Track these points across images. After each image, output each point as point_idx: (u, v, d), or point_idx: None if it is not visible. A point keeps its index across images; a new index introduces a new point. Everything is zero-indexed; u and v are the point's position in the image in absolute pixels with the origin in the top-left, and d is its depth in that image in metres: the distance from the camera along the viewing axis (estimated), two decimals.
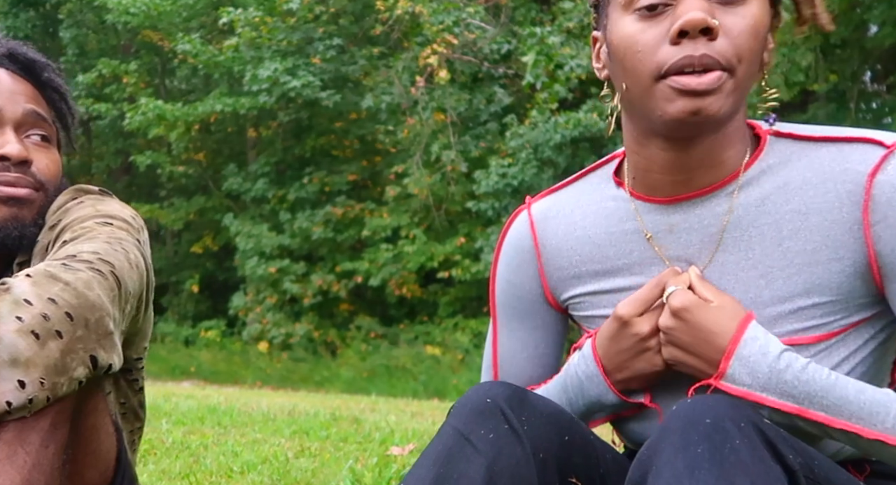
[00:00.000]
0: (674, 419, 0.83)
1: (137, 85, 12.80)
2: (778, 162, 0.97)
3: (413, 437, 3.09)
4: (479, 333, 10.00)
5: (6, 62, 1.20)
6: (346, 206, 11.29)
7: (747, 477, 0.76)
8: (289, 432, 3.27)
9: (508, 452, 0.89)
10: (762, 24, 0.91)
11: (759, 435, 0.80)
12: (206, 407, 4.03)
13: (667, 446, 0.81)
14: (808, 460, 0.84)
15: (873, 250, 0.92)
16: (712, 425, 0.80)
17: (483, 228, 10.06)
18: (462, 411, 0.93)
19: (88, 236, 1.07)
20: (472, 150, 10.34)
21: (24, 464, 0.88)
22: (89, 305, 0.93)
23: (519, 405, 0.93)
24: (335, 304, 11.27)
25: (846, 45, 7.83)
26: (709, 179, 0.98)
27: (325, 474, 2.38)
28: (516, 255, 1.14)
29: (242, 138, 13.23)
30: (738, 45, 0.89)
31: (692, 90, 0.89)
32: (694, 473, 0.77)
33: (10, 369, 0.86)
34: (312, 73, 10.89)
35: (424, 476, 0.88)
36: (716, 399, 0.84)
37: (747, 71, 0.91)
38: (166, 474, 2.37)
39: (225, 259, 12.71)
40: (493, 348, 1.17)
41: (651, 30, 0.92)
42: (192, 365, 10.88)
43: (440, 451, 0.90)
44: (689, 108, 0.90)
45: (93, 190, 1.24)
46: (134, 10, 11.70)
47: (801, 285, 0.94)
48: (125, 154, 13.68)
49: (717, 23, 0.88)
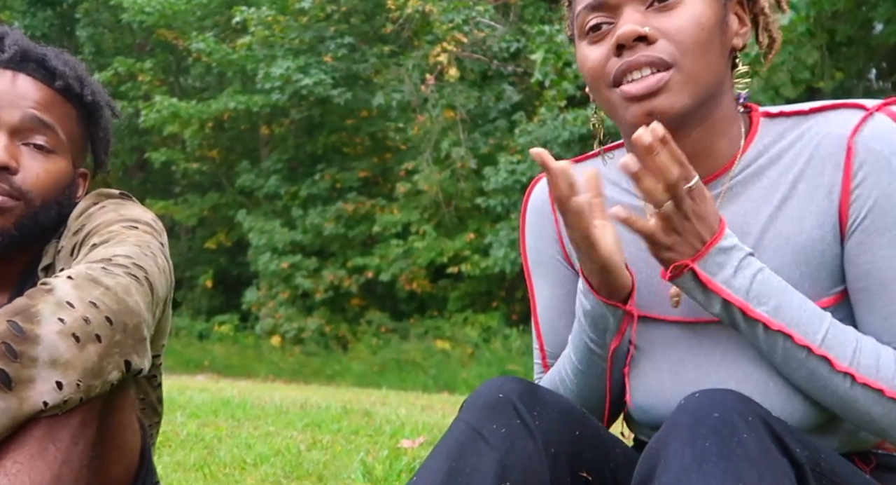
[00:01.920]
0: (682, 413, 0.84)
1: (152, 83, 12.90)
2: (772, 140, 0.99)
3: (423, 430, 3.09)
4: (488, 327, 10.06)
5: (31, 67, 1.19)
6: (357, 202, 11.36)
7: (755, 470, 0.77)
8: (301, 424, 3.29)
9: (520, 446, 0.90)
10: (704, 16, 0.94)
11: (767, 429, 0.81)
12: (220, 400, 4.05)
13: (675, 440, 0.81)
14: (814, 453, 0.85)
15: (847, 211, 0.93)
16: (720, 418, 0.81)
17: (492, 224, 10.14)
18: (474, 406, 0.93)
19: (118, 240, 1.08)
20: (482, 147, 10.42)
21: (55, 460, 0.89)
22: (128, 311, 0.94)
23: (531, 400, 0.94)
24: (346, 299, 11.34)
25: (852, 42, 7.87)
26: (705, 169, 1.00)
27: (337, 466, 2.41)
28: (537, 220, 1.17)
29: (255, 136, 13.32)
30: (679, 41, 0.93)
31: (634, 96, 0.94)
32: (702, 466, 0.78)
33: (50, 369, 0.87)
34: (324, 72, 11.01)
35: (437, 470, 0.88)
36: (723, 393, 0.85)
37: (697, 62, 0.93)
38: (181, 465, 2.40)
39: (238, 255, 12.79)
40: (534, 316, 1.18)
41: (599, 48, 0.98)
42: (206, 359, 10.96)
43: (452, 445, 0.90)
44: (641, 111, 0.94)
45: (113, 194, 1.24)
46: (149, 10, 11.82)
47: (789, 256, 0.96)
48: (140, 151, 13.77)
49: (647, 29, 0.93)
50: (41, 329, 0.87)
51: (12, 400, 0.85)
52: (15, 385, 0.85)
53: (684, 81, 0.93)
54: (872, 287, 0.93)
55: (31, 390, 0.86)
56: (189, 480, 2.23)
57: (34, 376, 0.86)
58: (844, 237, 0.94)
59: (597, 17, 0.98)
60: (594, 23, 0.98)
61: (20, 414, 0.86)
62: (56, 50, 1.25)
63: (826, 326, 0.91)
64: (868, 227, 0.92)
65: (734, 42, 0.99)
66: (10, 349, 0.85)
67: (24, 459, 0.87)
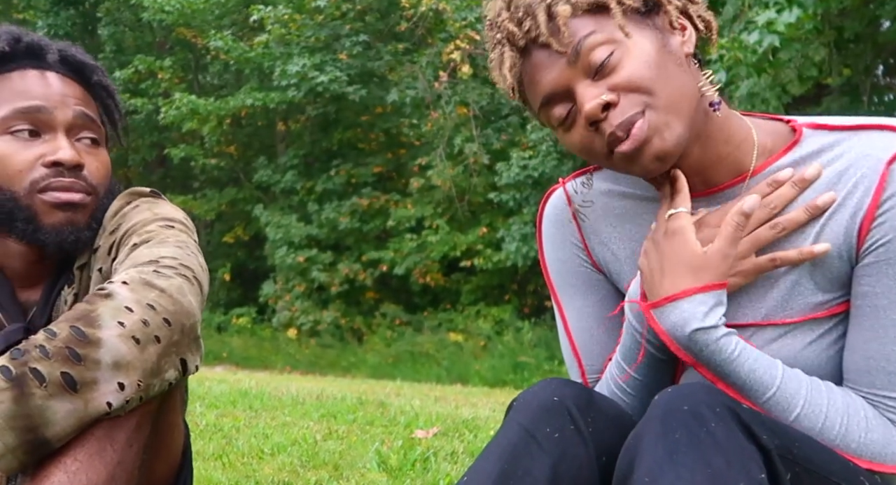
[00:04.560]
0: (654, 408, 0.86)
1: (172, 80, 13.08)
2: (812, 152, 0.98)
3: (437, 420, 3.12)
4: (500, 320, 10.14)
5: (57, 66, 1.18)
6: (372, 197, 11.48)
7: (722, 457, 0.80)
8: (317, 415, 3.31)
9: (573, 453, 0.89)
10: (645, 54, 0.93)
11: (734, 418, 0.83)
12: (238, 391, 4.08)
13: (648, 434, 0.84)
14: (786, 441, 0.86)
15: (865, 234, 0.93)
16: (689, 411, 0.83)
17: (504, 218, 10.25)
18: (528, 408, 0.92)
19: (158, 240, 1.09)
20: (494, 142, 10.52)
21: (111, 461, 0.91)
22: (185, 312, 0.96)
23: (586, 406, 0.93)
24: (361, 292, 11.46)
25: (859, 39, 7.87)
26: (719, 177, 1.00)
27: (352, 456, 2.43)
28: (557, 230, 1.14)
29: (272, 132, 13.45)
30: (637, 87, 0.92)
31: (631, 154, 0.93)
32: (673, 457, 0.80)
33: (112, 371, 0.89)
34: (339, 69, 11.13)
35: (490, 471, 0.88)
36: (692, 387, 0.87)
37: (665, 93, 0.92)
38: (200, 454, 2.43)
39: (255, 249, 12.93)
40: (568, 335, 1.13)
41: (577, 131, 0.96)
42: (224, 351, 11.08)
43: (505, 446, 0.89)
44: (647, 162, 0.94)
45: (145, 192, 1.24)
46: (169, 9, 11.98)
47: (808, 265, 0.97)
48: (160, 147, 13.94)
49: (605, 97, 0.92)
50: (103, 333, 0.89)
51: (78, 402, 0.87)
52: (80, 388, 0.87)
53: (664, 116, 0.92)
54: (865, 309, 0.94)
55: (95, 392, 0.88)
56: (208, 468, 2.26)
57: (98, 379, 0.88)
58: (857, 258, 0.95)
59: (556, 108, 0.97)
60: (558, 115, 0.97)
61: (86, 416, 0.88)
62: (68, 44, 1.24)
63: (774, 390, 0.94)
64: (881, 255, 0.93)
65: (685, 51, 0.97)
66: (74, 353, 0.88)
67: (84, 457, 0.89)
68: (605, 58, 0.92)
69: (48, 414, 0.86)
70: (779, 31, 5.60)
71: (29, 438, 0.86)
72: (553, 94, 0.96)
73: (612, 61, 0.92)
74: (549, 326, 9.80)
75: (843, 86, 8.20)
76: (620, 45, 0.93)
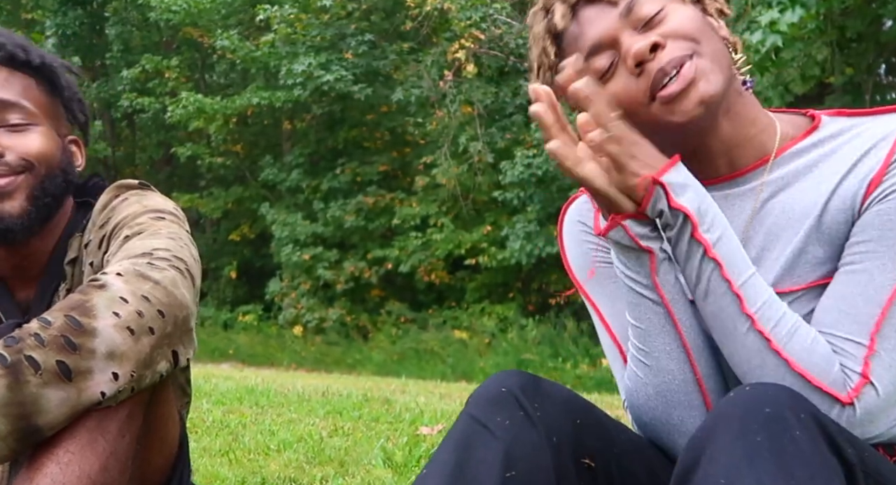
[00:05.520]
0: (730, 406, 0.82)
1: (178, 80, 13.17)
2: (830, 134, 1.00)
3: (442, 417, 3.13)
4: (504, 317, 10.20)
5: None
6: (377, 195, 11.54)
7: (807, 469, 0.75)
8: (323, 412, 3.31)
9: (523, 437, 0.91)
10: (691, 13, 0.98)
11: (818, 427, 0.79)
12: (244, 388, 4.08)
13: (724, 432, 0.80)
14: (861, 452, 0.83)
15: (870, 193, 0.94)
16: (772, 414, 0.79)
17: (509, 216, 10.31)
18: (479, 401, 0.95)
19: (150, 232, 1.08)
20: (499, 141, 10.57)
21: (103, 451, 0.90)
22: (178, 304, 0.96)
23: (533, 392, 0.95)
24: (366, 289, 11.53)
25: (861, 39, 7.88)
26: (745, 158, 1.02)
27: (358, 453, 2.44)
28: (579, 230, 1.14)
29: (278, 130, 13.53)
30: (685, 34, 0.96)
31: (676, 94, 0.94)
32: (753, 461, 0.76)
33: (107, 361, 0.89)
34: (345, 68, 11.20)
35: (446, 461, 0.91)
36: (775, 388, 0.84)
37: (710, 45, 0.96)
38: (207, 451, 2.45)
39: (261, 246, 13.00)
40: (608, 331, 1.10)
41: (619, 79, 0.98)
42: (230, 348, 11.18)
43: (459, 438, 0.93)
44: (691, 104, 0.95)
45: (133, 184, 1.23)
46: (176, 8, 12.07)
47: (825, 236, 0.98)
48: (167, 146, 14.07)
49: (654, 38, 0.95)
50: (98, 323, 0.89)
51: (72, 391, 0.87)
52: (74, 376, 0.87)
53: (710, 63, 0.95)
54: (847, 258, 0.95)
55: (89, 381, 0.88)
56: (215, 465, 2.27)
57: (92, 368, 0.88)
58: (858, 215, 0.95)
59: (599, 58, 0.99)
60: (600, 65, 0.99)
61: (79, 404, 0.88)
62: None
63: (750, 273, 0.94)
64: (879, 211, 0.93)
65: (721, 33, 1.01)
66: (70, 342, 0.87)
67: (76, 449, 0.89)
68: (656, 12, 0.97)
69: (42, 402, 0.86)
70: (781, 31, 5.64)
71: (21, 425, 0.86)
72: (599, 43, 0.99)
73: (660, 16, 0.97)
74: (553, 323, 9.87)
75: (845, 85, 8.21)
76: (670, 3, 0.98)
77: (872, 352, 0.91)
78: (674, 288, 0.97)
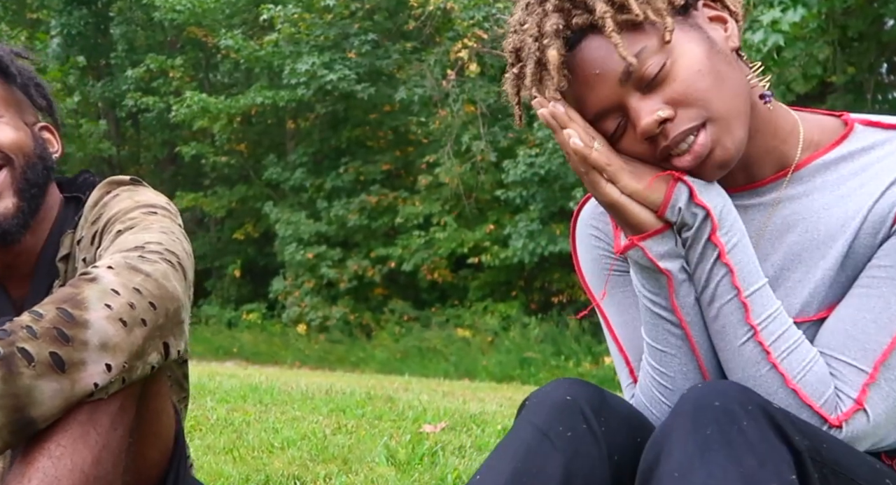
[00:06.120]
0: (684, 403, 0.85)
1: (183, 79, 13.21)
2: (861, 148, 0.96)
3: (444, 415, 3.12)
4: (507, 316, 10.22)
5: None
6: (381, 194, 11.58)
7: (755, 457, 0.79)
8: (326, 410, 3.31)
9: (585, 451, 0.89)
10: (695, 59, 0.90)
11: (767, 418, 0.82)
12: (248, 386, 4.06)
13: (678, 429, 0.83)
14: (815, 442, 0.84)
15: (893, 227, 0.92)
16: (721, 408, 0.82)
17: (511, 215, 10.35)
18: (541, 407, 0.92)
19: (142, 226, 1.09)
20: (501, 140, 10.62)
21: (95, 444, 0.90)
22: (170, 296, 0.96)
23: (598, 405, 0.92)
24: (370, 288, 11.57)
25: (863, 38, 7.89)
26: (765, 170, 0.99)
27: (361, 450, 2.44)
28: (591, 232, 1.12)
29: (282, 130, 13.55)
30: (694, 100, 0.90)
31: (690, 167, 0.92)
32: (704, 454, 0.80)
33: (100, 352, 0.89)
34: (348, 67, 11.23)
35: (503, 469, 0.88)
36: (724, 384, 0.88)
37: (721, 101, 0.90)
38: (211, 448, 2.46)
39: (265, 245, 13.04)
40: (614, 336, 1.09)
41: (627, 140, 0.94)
42: (234, 346, 11.22)
43: (518, 445, 0.89)
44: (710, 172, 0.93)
45: (124, 180, 1.23)
46: (180, 8, 12.11)
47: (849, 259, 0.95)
48: (171, 145, 14.09)
49: (661, 113, 0.89)
50: (90, 315, 0.89)
51: (65, 382, 0.87)
52: (68, 368, 0.87)
53: (724, 125, 0.91)
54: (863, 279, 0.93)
55: (83, 373, 0.88)
56: (219, 462, 2.27)
57: (86, 359, 0.88)
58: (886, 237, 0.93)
59: (606, 122, 0.94)
60: (608, 128, 0.94)
61: (72, 395, 0.88)
62: None
63: (760, 284, 0.93)
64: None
65: (730, 46, 0.94)
66: (63, 334, 0.87)
67: (68, 442, 0.89)
68: (657, 71, 0.89)
69: (35, 394, 0.86)
70: (783, 30, 5.66)
71: (15, 417, 0.86)
72: (604, 110, 0.93)
73: (664, 73, 0.90)
74: (556, 322, 9.91)
75: (847, 84, 8.23)
76: (670, 54, 0.90)
77: (873, 380, 0.91)
78: (693, 309, 0.96)
